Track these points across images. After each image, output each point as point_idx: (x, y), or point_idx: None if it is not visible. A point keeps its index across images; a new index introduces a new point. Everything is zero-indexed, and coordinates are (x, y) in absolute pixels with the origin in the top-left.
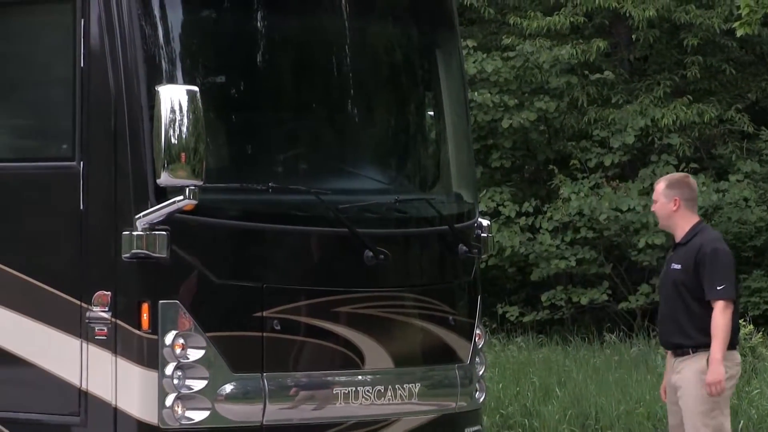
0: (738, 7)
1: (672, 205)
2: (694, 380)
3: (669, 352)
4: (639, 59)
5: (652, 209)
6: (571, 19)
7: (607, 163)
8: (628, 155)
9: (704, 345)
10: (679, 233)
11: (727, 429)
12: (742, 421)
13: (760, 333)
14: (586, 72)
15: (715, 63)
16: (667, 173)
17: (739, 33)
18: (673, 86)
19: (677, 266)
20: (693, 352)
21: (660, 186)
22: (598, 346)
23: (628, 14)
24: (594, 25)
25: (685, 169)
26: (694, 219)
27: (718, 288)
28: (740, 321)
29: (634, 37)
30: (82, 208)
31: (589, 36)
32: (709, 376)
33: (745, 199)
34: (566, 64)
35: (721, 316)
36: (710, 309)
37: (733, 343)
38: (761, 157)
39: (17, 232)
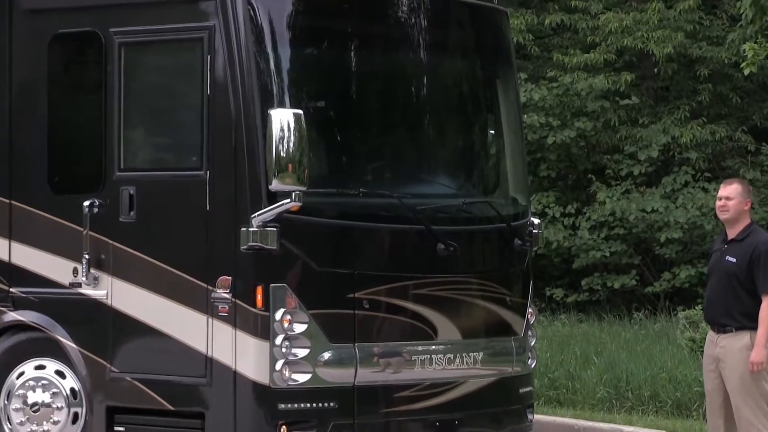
0: (744, 50)
1: (745, 205)
2: (739, 354)
3: (709, 325)
4: (661, 88)
5: (728, 205)
6: (605, 56)
7: (636, 172)
8: (653, 166)
9: (746, 327)
10: (736, 230)
11: (765, 394)
12: None
13: None
14: (617, 98)
15: (724, 91)
16: (686, 183)
17: (746, 72)
18: (690, 110)
19: (732, 260)
20: (735, 331)
21: (738, 187)
22: (628, 323)
23: (651, 52)
24: (623, 60)
25: (700, 178)
26: (749, 220)
27: None
28: None
29: (656, 70)
30: (208, 209)
31: (620, 69)
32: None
33: None
34: (600, 91)
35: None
36: (756, 298)
37: None
38: (762, 168)
39: (158, 228)
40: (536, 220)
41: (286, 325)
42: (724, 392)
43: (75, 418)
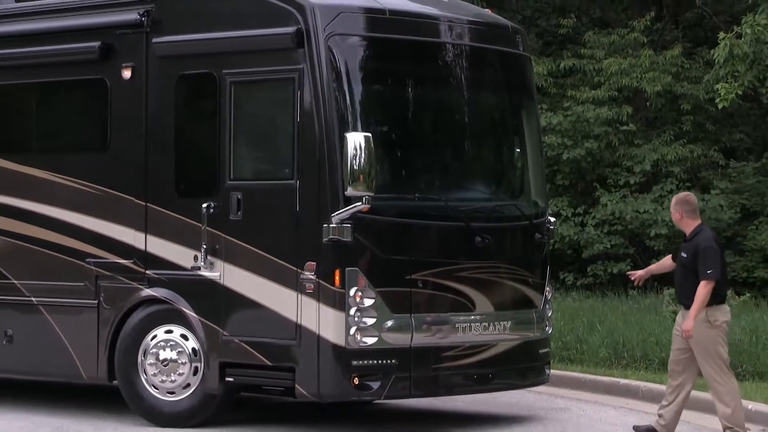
0: (717, 89)
1: (678, 215)
2: (700, 326)
3: (678, 302)
4: (652, 117)
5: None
6: (608, 93)
7: (631, 182)
8: (645, 177)
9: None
10: (688, 231)
11: (725, 353)
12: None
13: (729, 290)
14: (618, 125)
15: (700, 120)
16: (671, 191)
17: (720, 106)
18: (674, 134)
19: (685, 255)
20: None
21: (672, 203)
22: (624, 299)
23: (644, 89)
24: (622, 95)
25: (681, 187)
26: (695, 223)
27: (708, 272)
28: None
29: (648, 103)
30: (297, 209)
31: (620, 102)
32: (685, 325)
33: (720, 205)
34: (604, 119)
35: (703, 289)
36: None
37: (722, 300)
38: (730, 179)
39: (259, 225)
40: (552, 219)
41: (358, 299)
42: (688, 352)
43: (195, 371)
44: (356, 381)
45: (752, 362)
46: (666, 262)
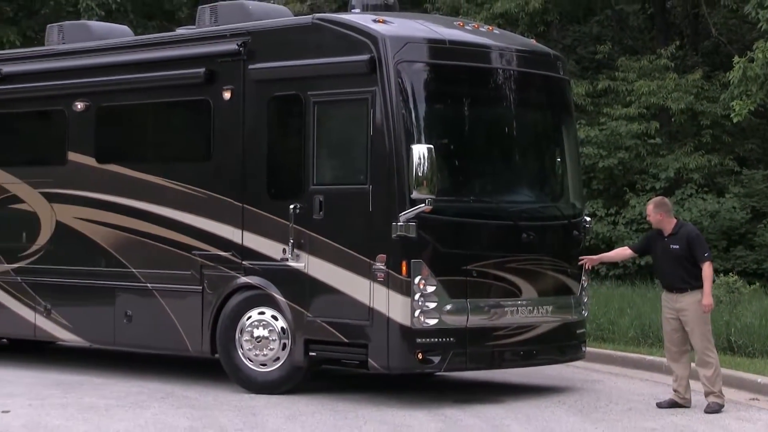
0: (732, 105)
1: (659, 216)
2: (696, 306)
3: (667, 290)
4: (675, 131)
5: (648, 218)
6: (638, 111)
7: (657, 187)
8: (669, 183)
9: (695, 286)
10: (668, 229)
11: (710, 329)
12: (733, 329)
13: (741, 280)
14: (646, 138)
15: (717, 133)
16: (691, 194)
17: (734, 120)
18: (694, 146)
19: (676, 246)
20: (690, 290)
21: (650, 207)
22: (651, 287)
23: (669, 107)
24: (650, 113)
25: (700, 191)
26: (674, 220)
27: (705, 255)
28: (728, 274)
29: (672, 119)
30: (371, 210)
31: (648, 118)
32: (705, 301)
33: (734, 207)
34: (635, 133)
35: (708, 270)
36: (698, 267)
37: None
38: (742, 184)
39: (338, 223)
40: (588, 218)
41: (421, 287)
42: (680, 331)
43: (284, 347)
44: (420, 356)
45: (761, 342)
46: (624, 252)
